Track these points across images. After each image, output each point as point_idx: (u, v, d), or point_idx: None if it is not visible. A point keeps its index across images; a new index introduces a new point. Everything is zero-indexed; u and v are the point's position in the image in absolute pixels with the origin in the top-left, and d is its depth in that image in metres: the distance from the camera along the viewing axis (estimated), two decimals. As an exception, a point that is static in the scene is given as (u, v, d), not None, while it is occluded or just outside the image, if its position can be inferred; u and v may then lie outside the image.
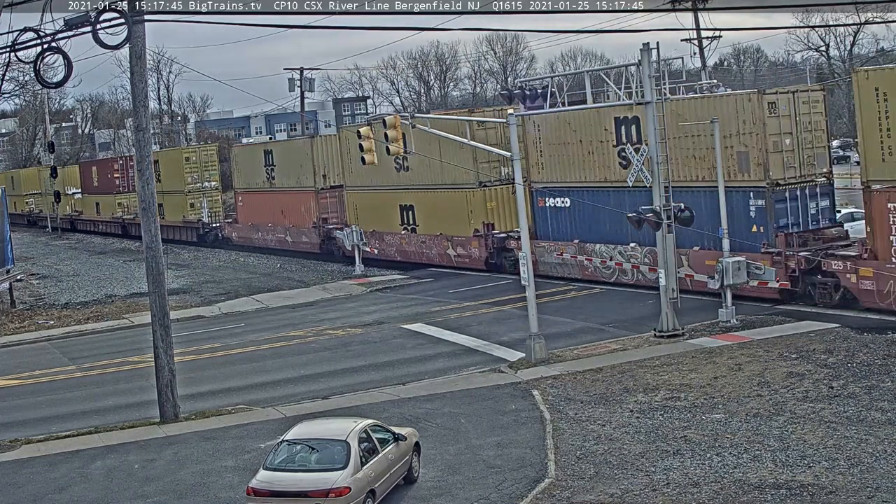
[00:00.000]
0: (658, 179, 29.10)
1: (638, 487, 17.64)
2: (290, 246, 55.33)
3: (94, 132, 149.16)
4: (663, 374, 24.88)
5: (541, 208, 39.68)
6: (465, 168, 40.95)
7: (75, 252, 72.48)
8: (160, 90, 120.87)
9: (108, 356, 34.02)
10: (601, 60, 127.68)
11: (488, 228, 42.22)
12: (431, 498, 18.14)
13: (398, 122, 30.53)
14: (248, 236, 54.14)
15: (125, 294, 47.94)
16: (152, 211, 24.82)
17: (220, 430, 23.56)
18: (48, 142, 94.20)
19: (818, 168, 32.42)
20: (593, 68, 58.78)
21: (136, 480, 20.44)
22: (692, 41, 58.62)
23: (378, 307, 39.05)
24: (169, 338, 24.88)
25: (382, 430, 18.48)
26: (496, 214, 42.56)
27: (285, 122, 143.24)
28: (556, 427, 21.40)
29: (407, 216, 47.01)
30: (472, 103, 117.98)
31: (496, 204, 42.53)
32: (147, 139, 24.88)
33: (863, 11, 69.92)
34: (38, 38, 20.31)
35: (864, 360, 24.53)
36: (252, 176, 57.92)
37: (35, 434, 24.54)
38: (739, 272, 29.30)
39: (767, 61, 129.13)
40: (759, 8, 63.22)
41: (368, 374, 28.32)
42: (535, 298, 28.13)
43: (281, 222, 56.16)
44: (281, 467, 17.20)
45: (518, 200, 28.76)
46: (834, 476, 17.38)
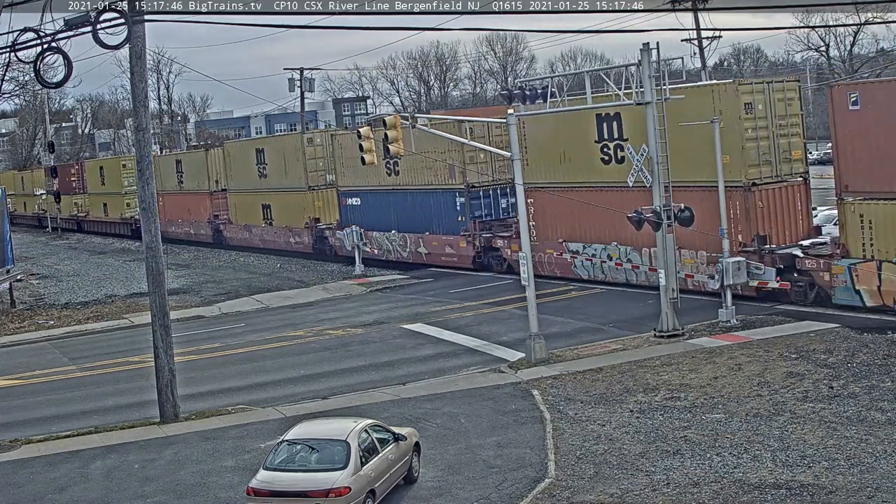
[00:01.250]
0: (658, 179, 29.11)
1: (638, 487, 17.64)
2: (193, 237, 69.34)
3: (94, 132, 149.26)
4: (663, 374, 24.88)
5: (344, 206, 51.99)
6: (299, 175, 54.60)
7: (75, 252, 72.54)
8: (160, 90, 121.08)
9: (108, 356, 34.02)
10: (601, 60, 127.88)
11: (315, 222, 54.49)
12: (431, 498, 18.14)
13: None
14: (166, 230, 65.79)
15: (125, 294, 47.95)
16: (152, 211, 24.77)
17: (220, 430, 23.56)
18: (48, 142, 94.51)
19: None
20: (593, 68, 58.74)
21: (136, 480, 20.44)
22: (692, 41, 58.57)
23: (378, 307, 39.06)
24: (169, 338, 24.88)
25: (382, 430, 18.48)
26: (322, 211, 54.30)
27: (285, 122, 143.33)
28: (556, 427, 21.40)
29: (267, 213, 59.30)
30: (472, 103, 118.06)
31: (322, 203, 54.26)
32: (147, 139, 24.86)
33: (863, 11, 69.87)
34: (38, 38, 20.31)
35: (864, 360, 24.53)
36: (168, 180, 70.69)
37: (35, 434, 24.54)
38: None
39: (767, 61, 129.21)
40: (759, 8, 63.28)
41: (368, 374, 28.32)
42: (535, 298, 28.13)
43: (187, 218, 69.86)
44: (281, 467, 17.20)
45: (518, 200, 28.73)
46: (834, 476, 17.39)
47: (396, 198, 47.78)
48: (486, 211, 43.86)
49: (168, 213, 67.94)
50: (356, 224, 49.32)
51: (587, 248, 37.90)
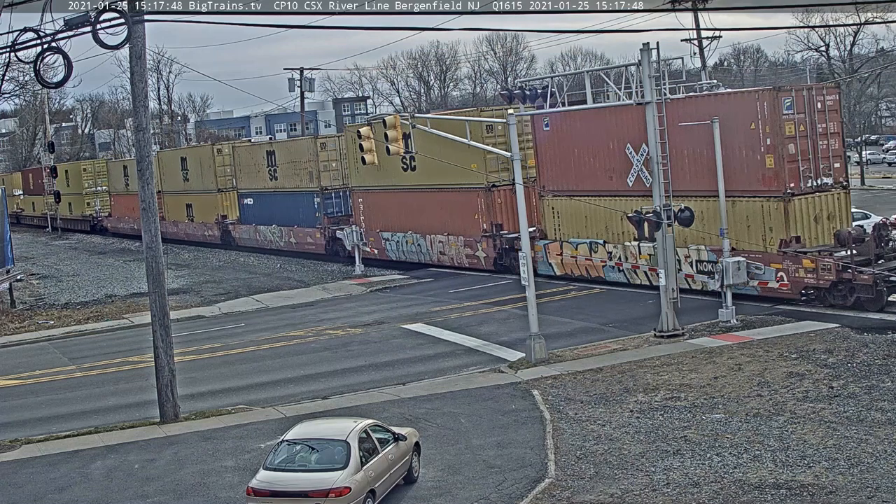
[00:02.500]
0: (658, 180, 29.10)
1: (638, 487, 17.64)
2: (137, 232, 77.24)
3: (94, 132, 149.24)
4: (663, 374, 24.88)
5: (242, 205, 62.63)
6: (211, 179, 65.29)
7: (75, 252, 72.58)
8: (160, 90, 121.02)
9: (108, 356, 34.02)
10: (601, 60, 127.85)
11: (223, 218, 64.58)
12: (431, 498, 18.14)
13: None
14: (117, 226, 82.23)
15: (125, 294, 47.96)
16: (153, 211, 24.72)
17: (220, 430, 23.55)
18: (48, 142, 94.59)
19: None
20: (593, 68, 58.74)
21: (136, 480, 20.43)
22: (692, 41, 58.58)
23: (378, 307, 39.06)
24: (169, 338, 24.87)
25: (382, 430, 18.48)
26: (228, 209, 64.41)
27: (285, 122, 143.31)
28: (556, 427, 21.39)
29: (189, 210, 69.76)
30: (472, 103, 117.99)
31: (228, 203, 64.34)
32: (147, 139, 24.83)
33: (863, 11, 69.84)
34: (38, 38, 20.32)
35: (864, 360, 24.54)
36: (117, 183, 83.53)
37: (35, 434, 24.54)
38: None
39: (767, 61, 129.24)
40: (759, 8, 63.22)
41: (368, 374, 28.32)
42: (535, 298, 28.12)
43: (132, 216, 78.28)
44: (281, 467, 17.20)
45: (518, 200, 28.73)
46: (834, 476, 17.39)
47: (276, 198, 58.30)
48: (336, 209, 54.21)
49: (118, 211, 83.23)
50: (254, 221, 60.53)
51: (394, 235, 48.60)
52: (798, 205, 31.54)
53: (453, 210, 44.63)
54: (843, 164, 32.94)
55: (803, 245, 31.33)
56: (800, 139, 31.60)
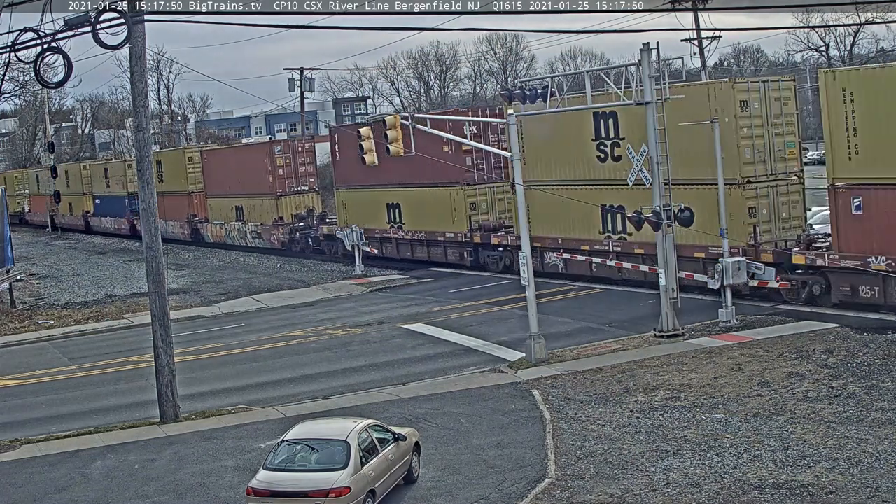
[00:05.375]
0: (658, 179, 29.10)
1: (638, 487, 17.64)
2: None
3: (94, 132, 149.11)
4: (663, 374, 24.89)
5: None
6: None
7: (75, 252, 72.56)
8: (160, 90, 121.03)
9: (108, 356, 34.02)
10: (601, 60, 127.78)
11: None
12: (431, 498, 18.15)
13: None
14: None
15: (125, 294, 47.95)
16: (152, 211, 24.73)
17: (220, 430, 23.56)
18: (48, 142, 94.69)
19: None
20: (593, 68, 58.73)
21: (136, 480, 20.44)
22: (692, 41, 58.60)
23: (378, 307, 39.06)
24: (169, 338, 24.87)
25: (382, 430, 18.48)
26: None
27: (285, 122, 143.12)
28: (556, 427, 21.39)
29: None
30: (472, 103, 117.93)
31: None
32: (147, 139, 24.83)
33: (863, 11, 69.95)
34: (38, 38, 20.33)
35: (864, 360, 24.54)
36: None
37: (35, 434, 24.54)
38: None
39: (767, 61, 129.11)
40: (759, 8, 63.15)
41: (368, 374, 28.32)
42: (535, 298, 28.12)
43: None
44: (281, 467, 17.19)
45: (518, 200, 28.75)
46: (834, 476, 17.39)
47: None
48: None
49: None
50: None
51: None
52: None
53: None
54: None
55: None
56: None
